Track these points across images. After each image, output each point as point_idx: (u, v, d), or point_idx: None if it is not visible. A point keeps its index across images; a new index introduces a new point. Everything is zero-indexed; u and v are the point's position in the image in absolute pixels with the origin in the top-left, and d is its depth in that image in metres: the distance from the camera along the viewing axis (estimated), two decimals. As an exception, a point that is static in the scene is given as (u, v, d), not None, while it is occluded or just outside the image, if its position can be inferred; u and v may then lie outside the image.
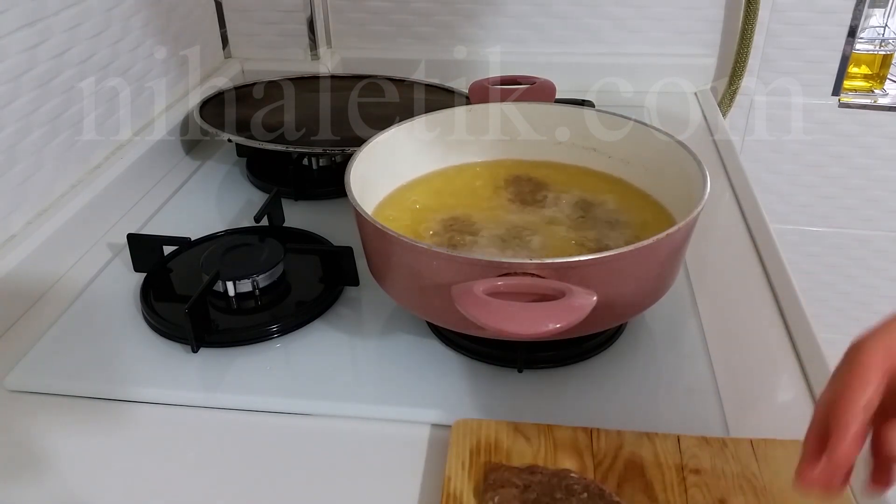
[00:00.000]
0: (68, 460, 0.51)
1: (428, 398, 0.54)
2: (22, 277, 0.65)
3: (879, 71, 1.10)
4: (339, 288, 0.65)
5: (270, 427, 0.54)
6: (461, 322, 0.49)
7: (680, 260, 0.56)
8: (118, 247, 0.74)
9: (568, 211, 0.65)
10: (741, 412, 0.53)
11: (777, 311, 0.63)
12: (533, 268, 0.47)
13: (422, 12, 1.11)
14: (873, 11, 1.06)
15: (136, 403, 0.56)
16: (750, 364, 0.58)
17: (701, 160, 0.59)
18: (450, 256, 0.49)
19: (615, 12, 1.07)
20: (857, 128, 1.10)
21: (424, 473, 0.49)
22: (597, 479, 0.46)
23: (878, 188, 1.14)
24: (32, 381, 0.58)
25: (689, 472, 0.46)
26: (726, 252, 0.72)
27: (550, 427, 0.50)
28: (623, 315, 0.56)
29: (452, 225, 0.63)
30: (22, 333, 0.63)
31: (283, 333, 0.61)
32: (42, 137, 0.71)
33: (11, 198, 0.68)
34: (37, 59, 0.70)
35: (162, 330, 0.61)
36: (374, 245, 0.56)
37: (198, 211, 0.82)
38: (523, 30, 1.10)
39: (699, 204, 0.53)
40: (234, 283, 0.63)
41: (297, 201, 0.82)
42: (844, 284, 1.23)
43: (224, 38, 1.13)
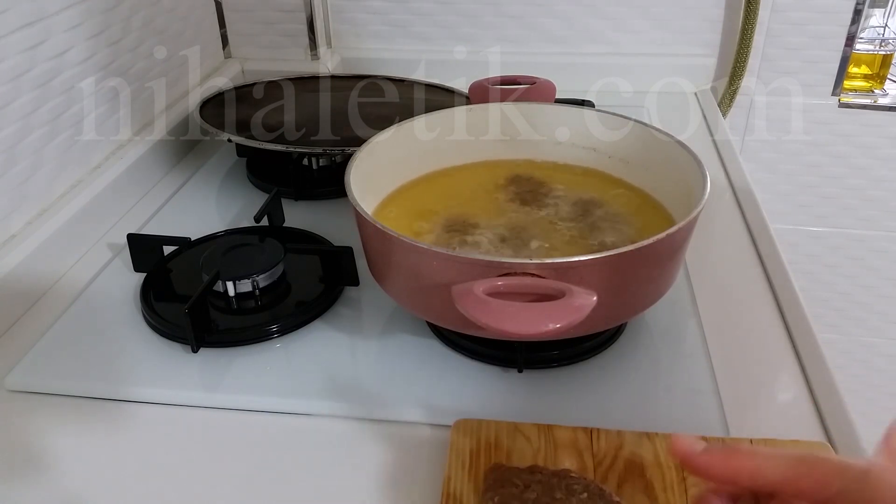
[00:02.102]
0: (68, 460, 0.51)
1: (428, 398, 0.54)
2: (22, 277, 0.65)
3: (879, 71, 1.10)
4: (339, 288, 0.65)
5: (270, 427, 0.54)
6: (461, 322, 0.49)
7: (680, 260, 0.56)
8: (118, 247, 0.74)
9: (568, 211, 0.65)
10: (741, 412, 0.53)
11: (777, 311, 0.63)
12: (533, 268, 0.47)
13: (422, 12, 1.11)
14: (873, 11, 1.06)
15: (136, 403, 0.56)
16: (750, 364, 0.58)
17: (701, 160, 0.59)
18: (450, 256, 0.49)
19: (615, 12, 1.07)
20: (857, 128, 1.10)
21: (424, 473, 0.49)
22: (597, 479, 0.46)
23: (878, 188, 1.14)
24: (32, 381, 0.58)
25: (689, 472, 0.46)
26: (726, 252, 0.72)
27: (550, 427, 0.50)
28: (623, 315, 0.56)
29: (452, 225, 0.63)
30: (22, 333, 0.63)
31: (283, 333, 0.61)
32: (42, 137, 0.71)
33: (11, 198, 0.68)
34: (37, 59, 0.70)
35: (162, 330, 0.61)
36: (374, 245, 0.56)
37: (198, 211, 0.82)
38: (523, 30, 1.10)
39: (699, 204, 0.53)
40: (234, 283, 0.63)
41: (297, 201, 0.82)
42: (844, 284, 1.23)
43: (224, 38, 1.13)
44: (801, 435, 0.50)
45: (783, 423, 0.52)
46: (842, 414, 0.51)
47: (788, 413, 0.53)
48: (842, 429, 0.50)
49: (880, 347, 1.28)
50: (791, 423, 0.52)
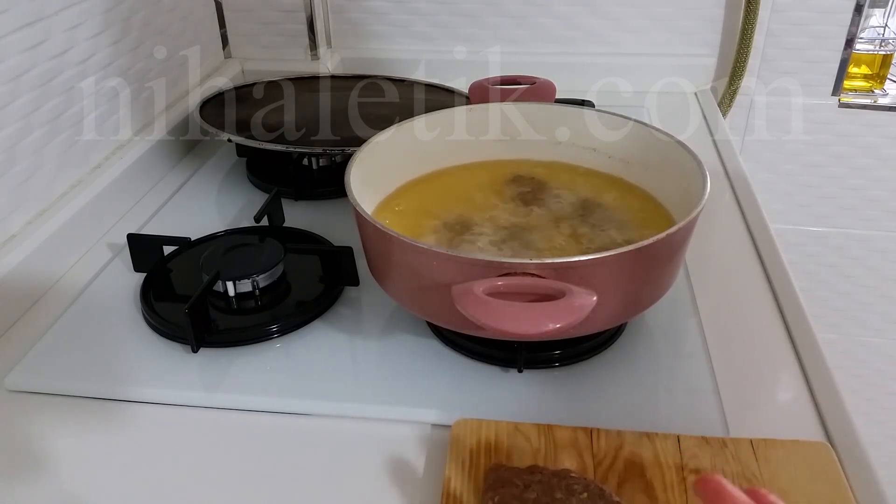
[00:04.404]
0: (68, 460, 0.51)
1: (428, 398, 0.54)
2: (22, 277, 0.65)
3: (879, 71, 1.10)
4: (339, 288, 0.65)
5: (270, 427, 0.54)
6: (461, 322, 0.49)
7: (680, 260, 0.56)
8: (118, 247, 0.74)
9: (568, 211, 0.65)
10: (741, 412, 0.53)
11: (777, 311, 0.63)
12: (533, 268, 0.47)
13: (422, 12, 1.11)
14: (873, 11, 1.06)
15: (136, 403, 0.56)
16: (750, 364, 0.58)
17: (701, 160, 0.59)
18: (450, 256, 0.49)
19: (615, 12, 1.07)
20: (857, 128, 1.10)
21: (424, 473, 0.49)
22: (597, 479, 0.46)
23: (878, 188, 1.14)
24: (32, 381, 0.58)
25: (689, 471, 0.46)
26: (726, 252, 0.72)
27: (550, 427, 0.50)
28: (623, 315, 0.56)
29: (452, 225, 0.63)
30: (22, 333, 0.63)
31: (283, 333, 0.61)
32: (42, 137, 0.71)
33: (11, 198, 0.68)
34: (37, 59, 0.70)
35: (162, 330, 0.61)
36: (374, 245, 0.56)
37: (198, 211, 0.82)
38: (523, 30, 1.10)
39: (699, 204, 0.53)
40: (234, 283, 0.63)
41: (297, 201, 0.82)
42: (844, 284, 1.23)
43: (224, 38, 1.13)
44: (801, 435, 0.50)
45: (783, 423, 0.52)
46: (842, 414, 0.51)
47: (788, 413, 0.53)
48: (842, 429, 0.50)
49: (880, 347, 1.28)
50: (791, 423, 0.52)
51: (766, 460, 0.47)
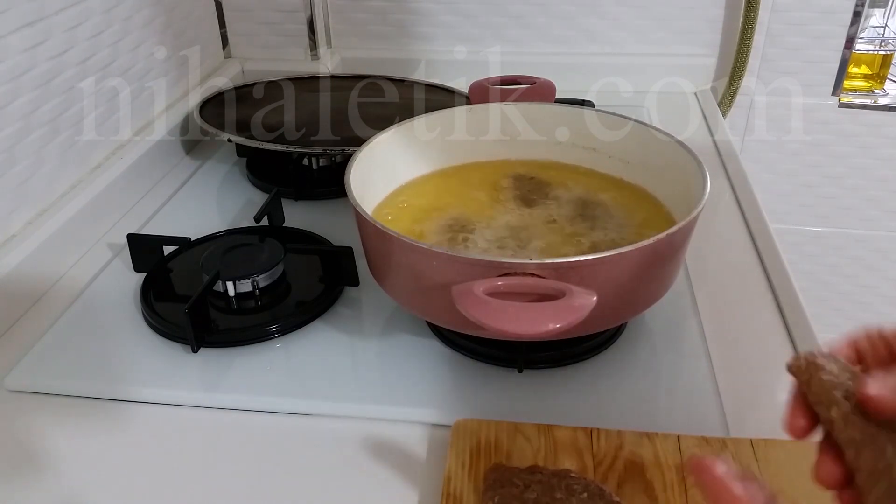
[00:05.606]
0: (68, 460, 0.51)
1: (428, 398, 0.54)
2: (22, 277, 0.65)
3: (879, 71, 1.10)
4: (339, 288, 0.65)
5: (270, 427, 0.54)
6: (461, 322, 0.49)
7: (680, 260, 0.56)
8: (118, 247, 0.74)
9: (568, 211, 0.65)
10: (741, 412, 0.53)
11: (777, 311, 0.63)
12: (533, 268, 0.47)
13: (422, 12, 1.11)
14: (873, 11, 1.06)
15: (136, 403, 0.56)
16: (750, 364, 0.58)
17: (701, 160, 0.59)
18: (450, 256, 0.49)
19: (615, 12, 1.07)
20: (857, 128, 1.10)
21: (424, 473, 0.49)
22: (597, 479, 0.46)
23: (878, 188, 1.14)
24: (32, 381, 0.58)
25: (689, 472, 0.46)
26: (726, 252, 0.72)
27: (550, 427, 0.50)
28: (623, 315, 0.56)
29: (452, 225, 0.63)
30: (22, 333, 0.63)
31: (283, 333, 0.61)
32: (42, 137, 0.71)
33: (11, 198, 0.68)
34: (37, 59, 0.70)
35: (162, 330, 0.61)
36: (374, 245, 0.56)
37: (198, 211, 0.82)
38: (523, 30, 1.10)
39: (699, 204, 0.53)
40: (234, 283, 0.63)
41: (297, 201, 0.82)
42: (844, 284, 1.23)
43: (224, 38, 1.13)
44: (801, 435, 0.50)
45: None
46: (842, 414, 0.51)
47: (788, 413, 0.53)
48: (842, 429, 0.50)
49: (880, 348, 1.28)
50: (791, 423, 0.52)
51: (766, 460, 0.47)
